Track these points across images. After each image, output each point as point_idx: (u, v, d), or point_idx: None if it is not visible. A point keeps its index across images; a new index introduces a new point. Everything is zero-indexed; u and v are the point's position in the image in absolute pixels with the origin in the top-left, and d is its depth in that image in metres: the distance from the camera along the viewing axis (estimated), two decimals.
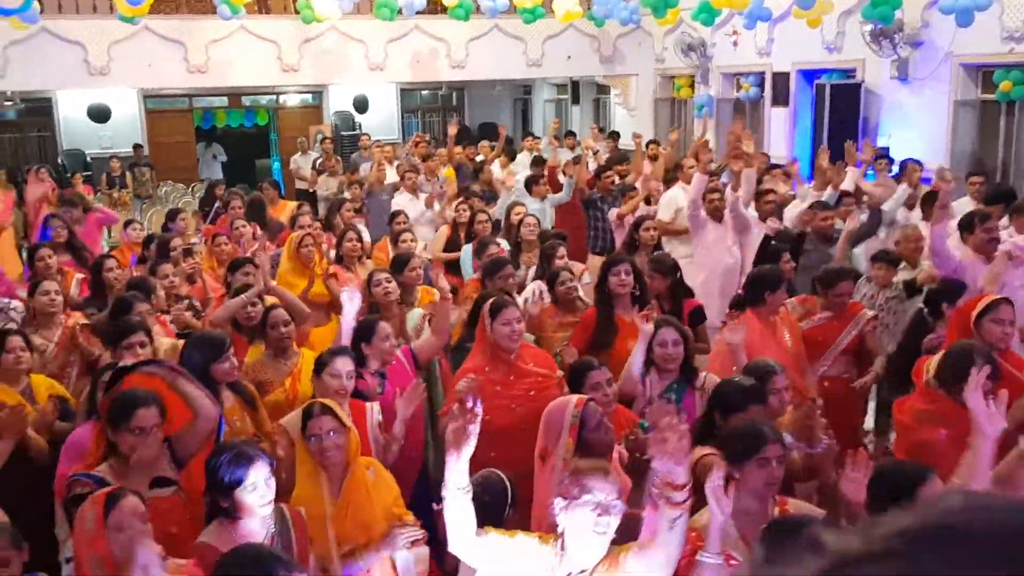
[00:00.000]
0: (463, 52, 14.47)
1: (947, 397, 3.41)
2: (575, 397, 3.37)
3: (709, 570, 2.61)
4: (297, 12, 12.13)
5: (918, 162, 8.17)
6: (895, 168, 9.02)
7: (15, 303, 5.42)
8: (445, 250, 7.33)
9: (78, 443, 3.62)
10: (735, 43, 13.36)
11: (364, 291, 5.01)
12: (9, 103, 16.40)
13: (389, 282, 5.13)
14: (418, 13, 12.09)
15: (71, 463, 3.49)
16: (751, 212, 6.65)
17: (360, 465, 3.41)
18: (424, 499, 3.96)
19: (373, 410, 4.05)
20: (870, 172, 8.72)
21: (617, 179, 8.66)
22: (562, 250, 5.81)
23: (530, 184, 8.86)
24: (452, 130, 11.23)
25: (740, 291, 5.24)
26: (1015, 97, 9.89)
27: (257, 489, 2.89)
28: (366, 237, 7.66)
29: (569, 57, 15.07)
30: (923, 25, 10.48)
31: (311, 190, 11.95)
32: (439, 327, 4.63)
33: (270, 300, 5.00)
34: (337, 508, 3.31)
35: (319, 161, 12.52)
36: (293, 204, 10.06)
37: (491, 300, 4.27)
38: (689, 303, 5.25)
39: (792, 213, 7.05)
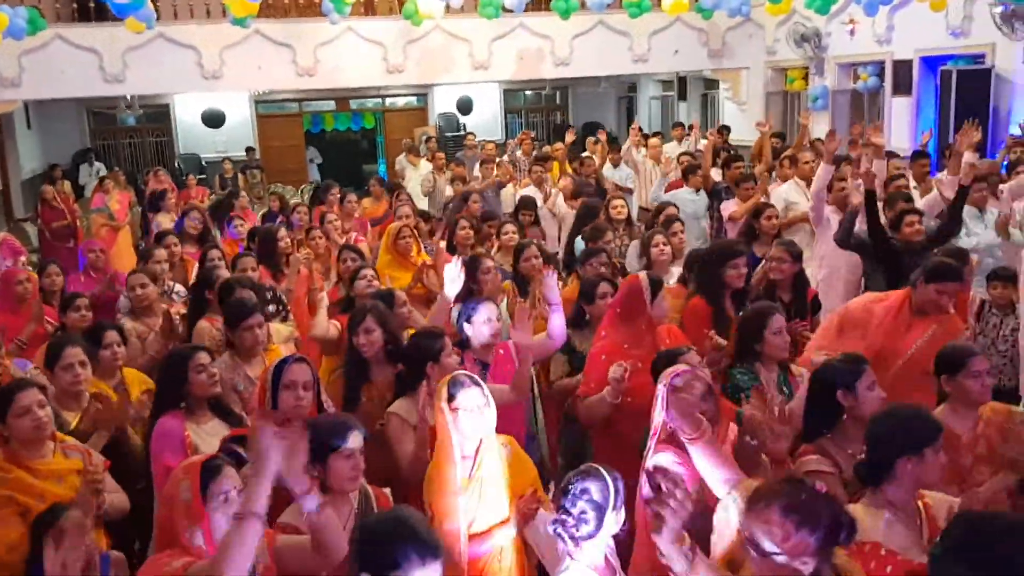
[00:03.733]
0: (567, 49, 14.26)
1: None
2: (676, 368, 3.20)
3: None
4: (401, 12, 12.18)
5: None
6: None
7: (178, 288, 5.59)
8: None
9: (171, 432, 3.52)
10: (852, 32, 12.76)
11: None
12: (129, 109, 17.10)
13: (489, 271, 5.06)
14: (525, 10, 11.98)
15: (174, 453, 3.42)
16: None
17: (494, 441, 3.24)
18: None
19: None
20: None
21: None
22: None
23: (687, 175, 8.55)
24: (570, 137, 11.19)
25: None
26: None
27: (352, 458, 2.83)
28: None
29: (676, 52, 14.68)
30: None
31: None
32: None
33: None
34: (470, 485, 3.14)
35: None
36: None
37: (647, 274, 4.27)
38: (809, 291, 5.00)
39: (930, 202, 6.56)
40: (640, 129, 11.84)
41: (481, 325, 4.15)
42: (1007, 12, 9.96)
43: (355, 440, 2.89)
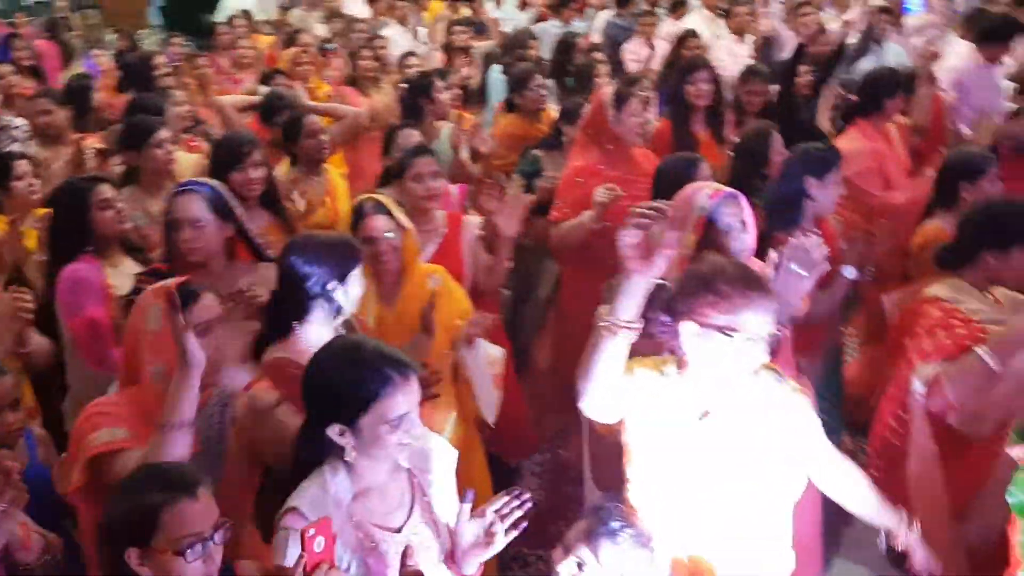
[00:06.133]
0: None
1: None
2: (712, 185, 2.83)
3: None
4: None
5: None
6: None
7: (17, 121, 4.77)
8: None
9: (87, 280, 3.02)
10: None
11: None
12: None
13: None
14: None
15: (96, 303, 2.95)
16: None
17: (419, 272, 3.01)
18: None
19: (471, 224, 3.58)
20: None
21: None
22: None
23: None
24: None
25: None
26: None
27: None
28: None
29: None
30: None
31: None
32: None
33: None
34: (391, 319, 2.91)
35: None
36: (268, 38, 9.29)
37: (615, 90, 3.93)
38: None
39: None
40: None
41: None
42: None
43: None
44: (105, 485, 1.99)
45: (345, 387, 1.85)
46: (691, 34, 6.18)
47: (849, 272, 3.10)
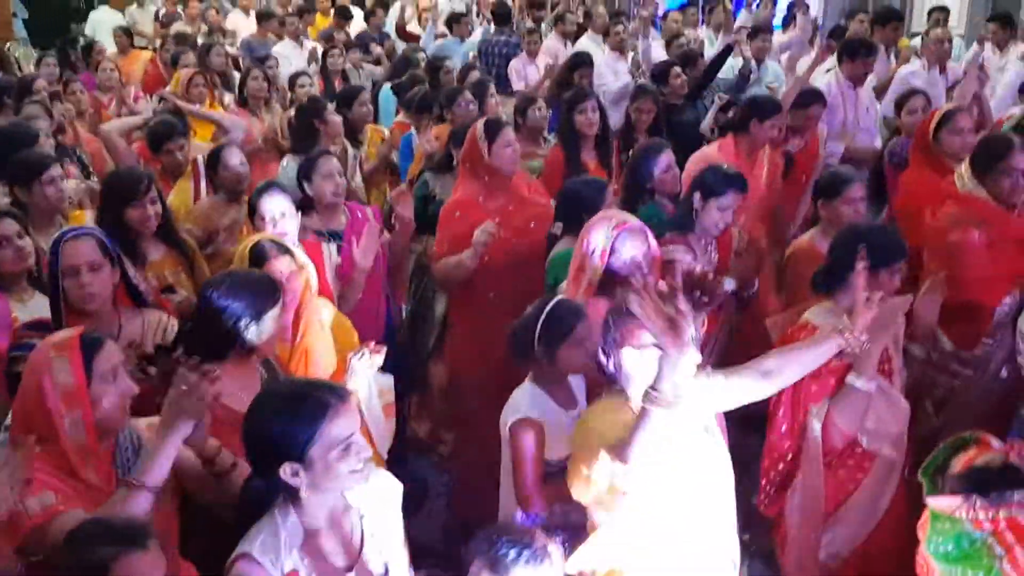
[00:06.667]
0: None
1: (984, 196, 3.34)
2: (617, 218, 2.97)
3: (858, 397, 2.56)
4: None
5: None
6: None
7: None
8: None
9: None
10: None
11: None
12: None
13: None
14: None
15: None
16: None
17: (315, 307, 3.03)
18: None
19: (331, 250, 3.58)
20: None
21: None
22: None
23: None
24: None
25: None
26: None
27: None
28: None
29: None
30: None
31: (153, 46, 10.70)
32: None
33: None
34: (294, 352, 2.93)
35: (162, 13, 11.31)
36: (147, 55, 9.11)
37: (484, 121, 3.88)
38: None
39: None
40: None
41: (322, 181, 3.68)
42: None
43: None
44: (44, 552, 1.94)
45: (289, 422, 1.86)
46: (585, 60, 6.28)
47: (728, 284, 3.25)
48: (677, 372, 1.92)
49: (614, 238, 2.87)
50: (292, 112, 5.33)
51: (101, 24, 11.21)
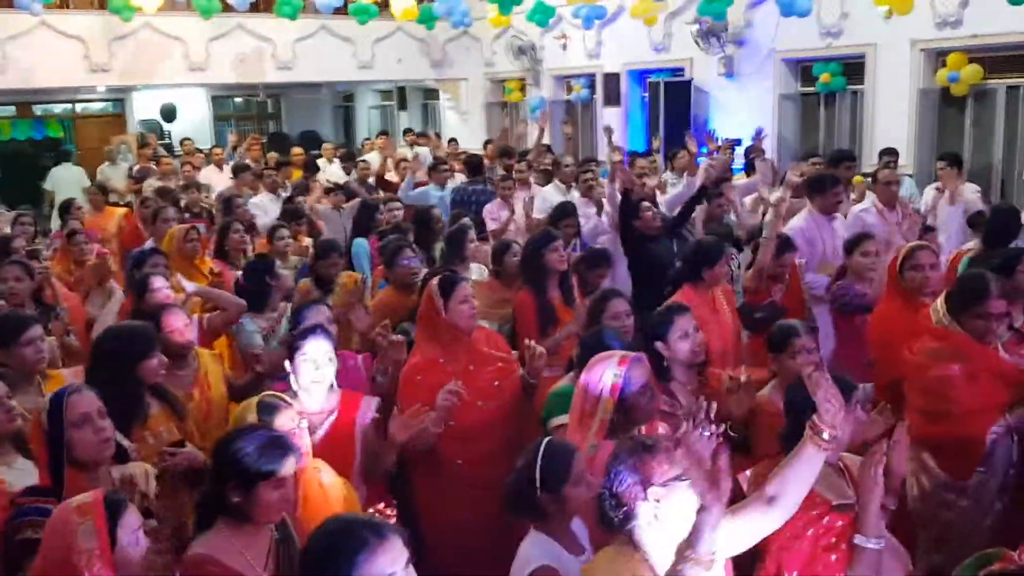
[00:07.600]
0: (289, 52, 13.90)
1: (959, 331, 3.40)
2: (619, 354, 3.00)
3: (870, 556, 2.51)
4: (104, 7, 11.16)
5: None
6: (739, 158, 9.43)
7: None
8: None
9: None
10: (564, 46, 13.64)
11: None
12: None
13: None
14: (247, 10, 11.52)
15: None
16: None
17: (312, 467, 2.95)
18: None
19: (371, 404, 3.40)
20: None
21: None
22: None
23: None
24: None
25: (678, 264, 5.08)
26: (834, 88, 10.69)
27: (286, 486, 2.42)
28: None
29: (400, 60, 14.84)
30: (747, 24, 11.14)
31: (124, 202, 10.90)
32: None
33: None
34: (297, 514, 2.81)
35: (135, 168, 11.58)
36: (121, 211, 9.24)
37: (440, 277, 3.73)
38: None
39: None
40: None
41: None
42: (703, 30, 11.20)
43: (289, 466, 2.46)
44: None
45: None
46: (569, 210, 6.35)
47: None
48: (716, 529, 1.91)
49: (625, 370, 2.91)
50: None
51: (61, 180, 11.45)
